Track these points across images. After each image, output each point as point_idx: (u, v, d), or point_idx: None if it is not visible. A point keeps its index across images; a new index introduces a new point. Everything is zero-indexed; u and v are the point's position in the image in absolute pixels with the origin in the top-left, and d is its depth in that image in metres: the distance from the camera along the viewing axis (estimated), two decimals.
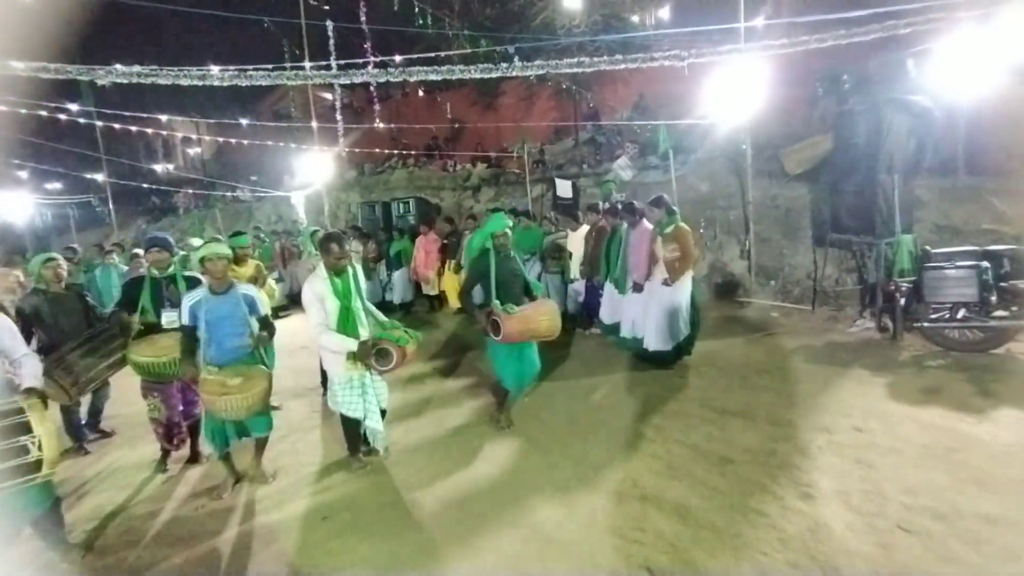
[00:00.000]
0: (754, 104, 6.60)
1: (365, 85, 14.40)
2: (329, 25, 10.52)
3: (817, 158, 7.36)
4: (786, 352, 5.12)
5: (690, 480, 2.98)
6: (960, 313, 4.55)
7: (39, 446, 2.26)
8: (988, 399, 3.67)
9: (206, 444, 3.36)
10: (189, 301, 3.07)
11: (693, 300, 4.80)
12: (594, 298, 5.90)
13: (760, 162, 7.63)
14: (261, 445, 3.35)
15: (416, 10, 11.53)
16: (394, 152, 14.72)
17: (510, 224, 3.74)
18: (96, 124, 11.47)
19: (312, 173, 11.79)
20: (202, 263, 3.12)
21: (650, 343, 4.85)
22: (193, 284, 3.41)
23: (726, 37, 6.63)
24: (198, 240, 7.13)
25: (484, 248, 3.72)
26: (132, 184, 15.99)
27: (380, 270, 8.71)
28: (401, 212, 11.12)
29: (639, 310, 5.01)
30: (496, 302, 3.52)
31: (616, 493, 2.92)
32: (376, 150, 14.07)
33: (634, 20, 11.12)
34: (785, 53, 4.78)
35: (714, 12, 7.39)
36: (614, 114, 12.78)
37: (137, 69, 3.89)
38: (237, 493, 3.21)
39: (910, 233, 5.24)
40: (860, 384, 4.18)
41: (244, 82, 4.24)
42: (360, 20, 11.87)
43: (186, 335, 3.09)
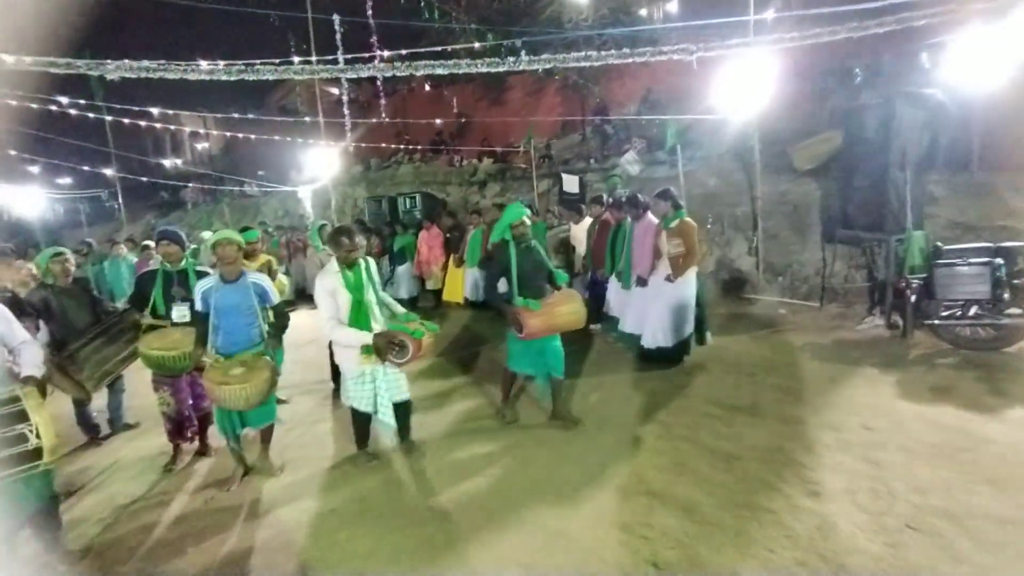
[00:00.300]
0: (763, 99, 6.52)
1: (371, 80, 14.37)
2: (336, 19, 10.51)
3: (827, 154, 7.27)
4: (794, 349, 5.08)
5: (696, 477, 2.97)
6: (972, 310, 4.49)
7: (36, 433, 2.26)
8: (1000, 398, 3.62)
9: (217, 435, 3.39)
10: (201, 288, 3.10)
11: (698, 298, 4.71)
12: (599, 292, 5.86)
13: (769, 157, 7.55)
14: (267, 437, 3.38)
15: (423, 4, 11.51)
16: (400, 147, 14.72)
17: (527, 213, 3.64)
18: (105, 119, 11.56)
19: (319, 168, 11.81)
20: (214, 248, 3.15)
21: (648, 340, 4.78)
22: (204, 278, 3.43)
23: (735, 31, 6.55)
24: (208, 233, 7.16)
25: (503, 240, 3.62)
26: (141, 179, 16.13)
27: (383, 265, 8.74)
28: (407, 207, 11.14)
29: (641, 306, 4.95)
30: (519, 298, 3.46)
31: (622, 489, 2.91)
32: (382, 145, 14.08)
33: (642, 14, 11.04)
34: (795, 47, 4.71)
35: (723, 5, 7.30)
36: (621, 109, 12.70)
37: (146, 63, 3.90)
38: (246, 485, 3.25)
39: (921, 229, 5.17)
40: (869, 382, 4.14)
41: (251, 76, 4.24)
42: (367, 14, 11.85)
43: (199, 322, 3.12)
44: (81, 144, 14.00)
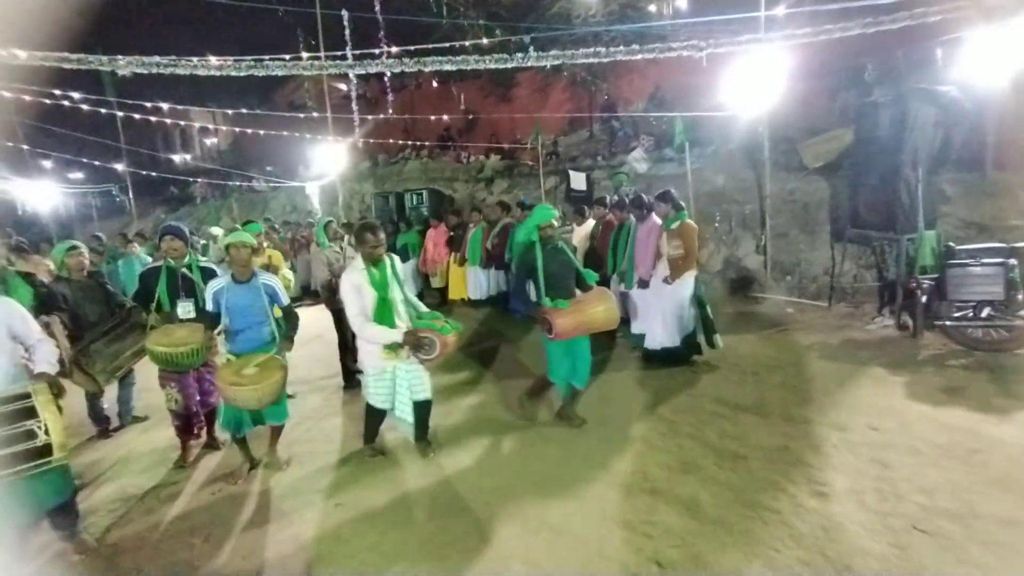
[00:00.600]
0: (773, 96, 6.46)
1: (379, 75, 14.41)
2: (344, 15, 10.52)
3: (837, 151, 7.20)
4: (801, 349, 5.04)
5: (701, 475, 2.97)
6: (985, 312, 4.43)
7: (45, 430, 2.26)
8: (1012, 400, 3.58)
9: (223, 430, 3.43)
10: (212, 288, 3.11)
11: (702, 300, 4.66)
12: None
13: (778, 155, 7.48)
14: (276, 432, 3.41)
15: (431, 0, 11.49)
16: (408, 143, 14.74)
17: (556, 215, 3.59)
18: (116, 114, 11.66)
19: (326, 164, 11.86)
20: (227, 250, 3.16)
21: (652, 341, 4.78)
22: (208, 275, 3.43)
23: (745, 26, 6.48)
24: (217, 229, 7.20)
25: (530, 241, 3.57)
26: (151, 174, 16.28)
27: None
28: (414, 203, 11.16)
29: (643, 307, 4.94)
30: (546, 299, 3.42)
31: (626, 487, 2.91)
32: (390, 141, 14.11)
33: (651, 10, 10.94)
34: (807, 43, 4.65)
35: (733, 1, 7.22)
36: (629, 106, 12.62)
37: (157, 59, 3.93)
38: (252, 479, 3.28)
39: (933, 229, 5.11)
40: (877, 382, 4.10)
41: (260, 72, 4.25)
42: (375, 10, 11.86)
43: (208, 322, 3.14)
44: (93, 139, 14.14)
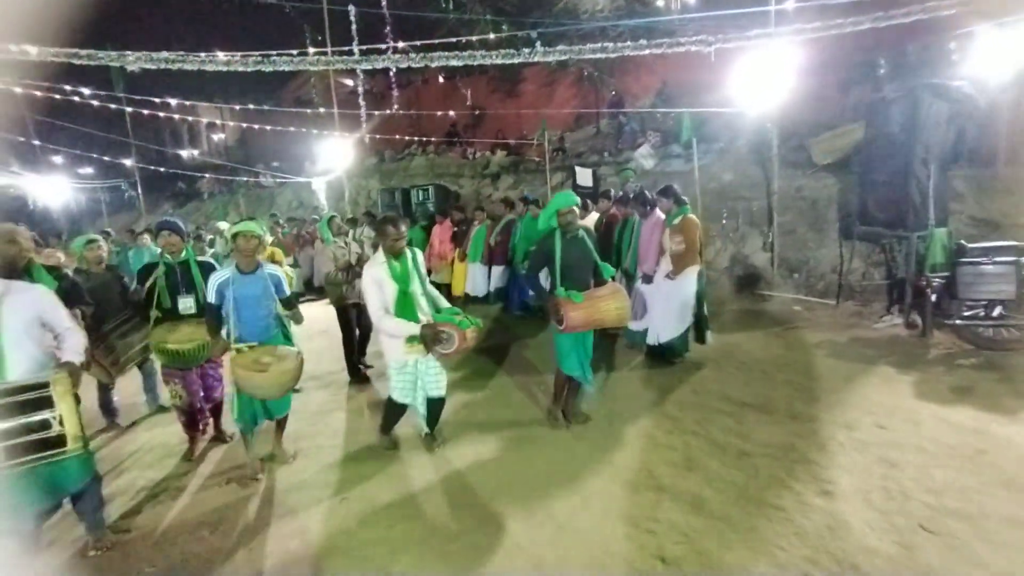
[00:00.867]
0: (782, 91, 6.39)
1: (385, 71, 14.39)
2: (351, 10, 10.52)
3: (847, 148, 7.12)
4: (808, 347, 5.01)
5: (706, 472, 2.96)
6: (996, 311, 4.38)
7: (60, 421, 2.27)
8: (1021, 400, 3.54)
9: (232, 422, 3.45)
10: (217, 279, 3.08)
11: (699, 296, 4.60)
12: None
13: (786, 151, 7.41)
14: (282, 425, 3.43)
15: None
16: (414, 139, 14.75)
17: (577, 201, 3.50)
18: (125, 110, 11.74)
19: (333, 159, 11.88)
20: (234, 239, 3.16)
21: (652, 337, 4.75)
22: (207, 269, 3.41)
23: (754, 21, 6.41)
24: (224, 224, 7.25)
25: (550, 228, 3.45)
26: (159, 169, 16.38)
27: None
28: (420, 199, 11.16)
29: (646, 302, 4.91)
30: (561, 289, 3.36)
31: (631, 483, 2.92)
32: (396, 136, 14.12)
33: (659, 4, 10.86)
34: (817, 38, 4.60)
35: None
36: (637, 102, 12.55)
37: (165, 55, 3.96)
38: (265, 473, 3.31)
39: (944, 226, 5.04)
40: (885, 381, 4.07)
41: (267, 67, 4.28)
42: (381, 5, 11.84)
43: (211, 313, 3.11)
44: (102, 135, 14.24)
